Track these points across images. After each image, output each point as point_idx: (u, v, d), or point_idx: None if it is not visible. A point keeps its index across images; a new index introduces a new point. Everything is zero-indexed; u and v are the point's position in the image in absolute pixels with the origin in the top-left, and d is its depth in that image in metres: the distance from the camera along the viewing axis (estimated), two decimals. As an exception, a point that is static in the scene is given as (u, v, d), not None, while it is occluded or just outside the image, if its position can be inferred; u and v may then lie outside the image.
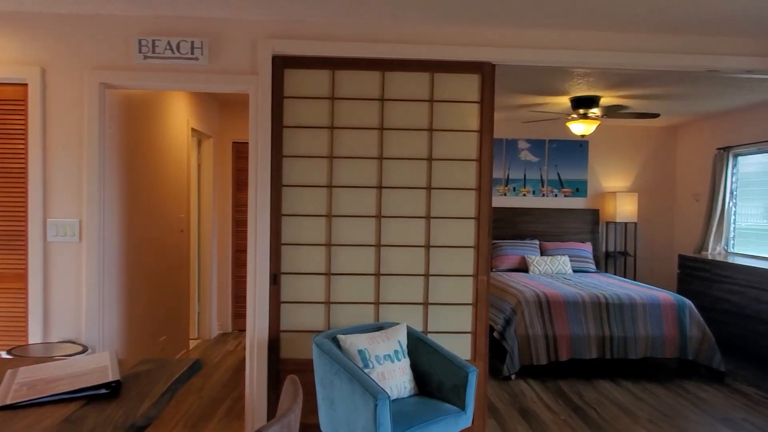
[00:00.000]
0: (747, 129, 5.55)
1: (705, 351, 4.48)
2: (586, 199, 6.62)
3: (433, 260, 3.23)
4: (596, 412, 3.77)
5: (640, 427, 3.54)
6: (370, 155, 3.18)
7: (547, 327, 4.47)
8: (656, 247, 6.67)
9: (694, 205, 6.31)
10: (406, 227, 3.21)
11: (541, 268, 5.89)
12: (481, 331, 3.24)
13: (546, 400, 4.00)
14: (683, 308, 4.56)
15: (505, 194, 6.54)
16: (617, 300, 4.58)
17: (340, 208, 3.19)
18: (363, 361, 2.72)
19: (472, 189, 3.22)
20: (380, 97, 3.16)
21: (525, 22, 3.02)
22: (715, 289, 5.24)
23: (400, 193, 3.20)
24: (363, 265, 3.20)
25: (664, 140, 6.70)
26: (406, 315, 3.23)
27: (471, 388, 2.72)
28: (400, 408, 2.67)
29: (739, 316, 4.89)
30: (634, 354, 4.48)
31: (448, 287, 3.24)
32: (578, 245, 6.28)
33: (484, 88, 3.17)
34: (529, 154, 6.53)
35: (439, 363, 2.86)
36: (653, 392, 4.20)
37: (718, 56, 3.18)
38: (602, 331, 4.48)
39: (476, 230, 3.22)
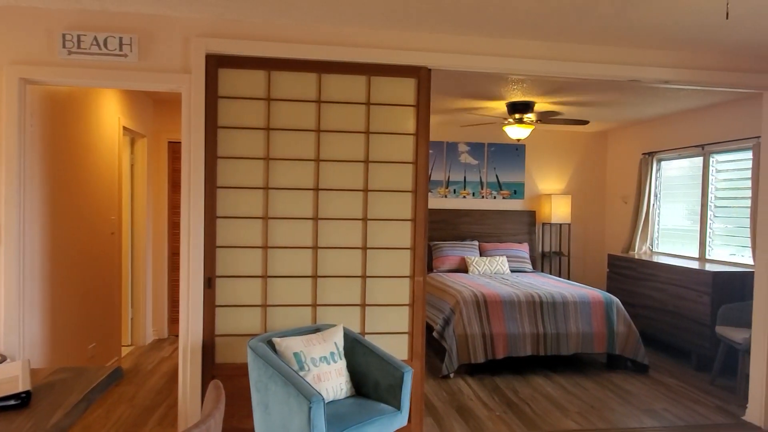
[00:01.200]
0: (669, 136, 5.89)
1: (631, 345, 4.72)
2: (524, 201, 6.83)
3: (371, 262, 3.25)
4: (530, 407, 3.90)
5: (570, 420, 3.69)
6: (307, 157, 3.17)
7: (484, 326, 4.58)
8: (588, 247, 6.97)
9: (622, 206, 6.63)
10: (344, 229, 3.22)
11: (480, 268, 6.03)
12: (418, 331, 3.29)
13: (483, 397, 4.10)
14: (611, 305, 4.78)
15: (446, 196, 6.66)
16: (551, 299, 4.75)
17: (277, 210, 3.16)
18: (298, 364, 2.71)
19: (408, 191, 3.26)
20: (317, 99, 3.16)
21: (460, 29, 3.09)
22: (640, 287, 5.53)
23: (337, 195, 3.21)
24: (300, 267, 3.19)
25: (595, 145, 7.01)
26: (343, 317, 3.24)
27: (406, 387, 2.75)
28: (335, 410, 2.67)
29: (662, 312, 5.18)
30: (566, 350, 4.67)
31: (386, 288, 3.27)
32: (516, 246, 6.48)
33: (420, 92, 3.22)
34: (469, 157, 6.68)
35: (376, 364, 2.89)
36: (583, 386, 4.38)
37: (639, 67, 3.36)
38: (536, 329, 4.64)
39: (412, 232, 3.27)
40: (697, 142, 5.45)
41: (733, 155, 5.16)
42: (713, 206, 5.38)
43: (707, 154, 5.40)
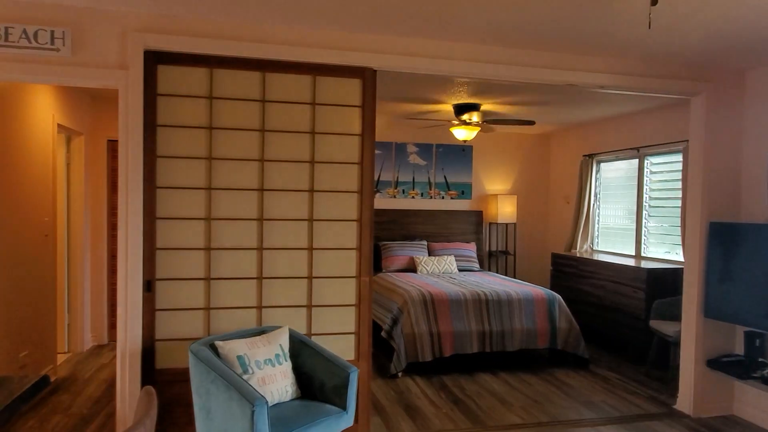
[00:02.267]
0: (607, 138, 6.14)
1: (572, 341, 4.88)
2: (471, 201, 6.96)
3: (317, 263, 3.23)
4: (475, 404, 3.98)
5: (514, 415, 3.78)
6: (251, 157, 3.12)
7: (432, 325, 4.64)
8: (533, 245, 7.17)
9: (565, 206, 6.86)
10: (290, 230, 3.19)
11: (428, 268, 6.10)
12: (365, 331, 3.30)
13: (430, 395, 4.15)
14: (553, 302, 4.94)
15: (395, 196, 6.71)
16: (496, 297, 4.86)
17: (220, 210, 3.10)
18: (242, 367, 2.66)
19: (354, 192, 3.26)
20: (261, 98, 3.12)
21: (404, 31, 3.12)
22: (581, 284, 5.73)
23: (282, 195, 3.18)
24: (245, 268, 3.14)
25: (539, 147, 7.22)
26: (290, 318, 3.21)
27: (352, 388, 2.75)
28: (280, 412, 2.64)
29: (602, 308, 5.39)
30: (511, 346, 4.78)
31: (332, 289, 3.26)
32: (463, 245, 6.59)
33: (366, 92, 3.23)
34: (418, 158, 6.75)
35: (321, 365, 2.87)
36: (527, 381, 4.51)
37: (576, 72, 3.48)
38: (483, 327, 4.73)
39: (358, 232, 3.27)
40: (633, 145, 5.70)
41: (665, 158, 5.43)
42: (648, 206, 5.64)
43: (642, 156, 5.66)
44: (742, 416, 3.80)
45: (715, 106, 3.76)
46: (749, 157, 3.77)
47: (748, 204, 3.76)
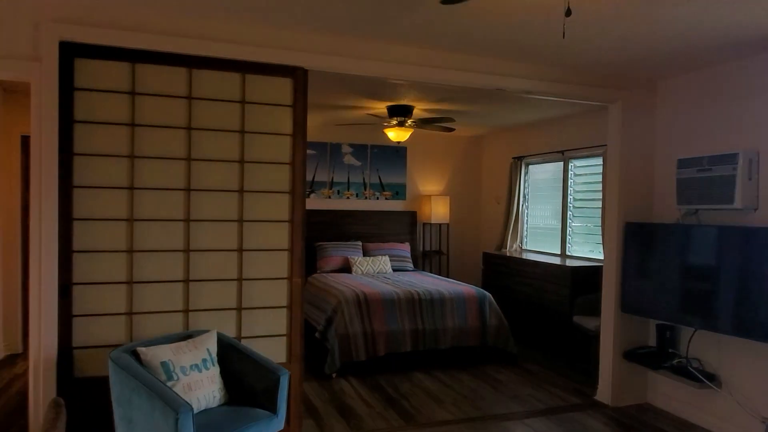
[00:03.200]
0: (535, 141, 6.38)
1: (502, 337, 5.04)
2: (405, 202, 7.04)
3: (247, 264, 3.17)
4: (408, 402, 4.02)
5: (445, 411, 3.86)
6: (177, 156, 3.02)
7: (365, 324, 4.66)
8: (465, 245, 7.35)
9: (496, 207, 7.07)
10: (218, 231, 3.11)
11: (363, 268, 6.12)
12: (296, 332, 3.26)
13: (364, 395, 4.16)
14: (483, 300, 5.08)
15: (330, 197, 6.68)
16: (429, 296, 4.94)
17: (144, 211, 2.97)
18: (166, 374, 2.57)
19: (285, 192, 3.22)
20: (188, 95, 3.02)
21: (336, 31, 3.11)
22: (511, 282, 5.92)
23: (211, 195, 3.09)
24: (171, 271, 3.03)
25: (472, 149, 7.40)
26: (219, 321, 3.13)
27: (283, 391, 2.72)
28: (208, 419, 2.57)
29: (530, 305, 5.59)
30: (444, 344, 4.88)
31: (263, 291, 3.21)
32: (398, 246, 6.65)
33: (297, 92, 3.20)
34: (353, 158, 6.76)
35: (251, 368, 2.82)
36: (458, 378, 4.61)
37: (505, 77, 3.60)
38: (416, 325, 4.80)
39: (290, 233, 3.24)
40: (558, 148, 5.95)
41: (587, 161, 5.71)
42: (572, 207, 5.91)
43: (566, 159, 5.92)
44: (654, 404, 4.06)
45: (630, 113, 3.99)
46: (660, 161, 4.03)
47: (660, 205, 4.02)
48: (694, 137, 3.77)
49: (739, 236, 3.26)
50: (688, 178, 3.58)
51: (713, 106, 3.64)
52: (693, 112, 3.79)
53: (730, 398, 3.48)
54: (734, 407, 3.46)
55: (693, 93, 3.80)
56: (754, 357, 3.35)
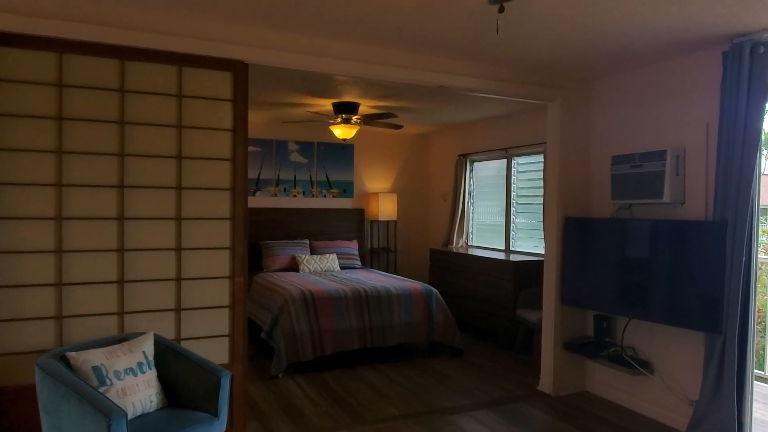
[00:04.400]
0: (479, 139, 6.50)
1: (448, 332, 5.10)
2: (353, 200, 7.02)
3: (186, 263, 3.07)
4: (356, 399, 4.01)
5: (392, 407, 3.87)
6: (109, 151, 2.89)
7: (312, 323, 4.61)
8: (413, 242, 7.40)
9: (442, 204, 7.15)
10: (155, 229, 3.00)
11: (311, 266, 6.06)
12: (239, 332, 3.19)
13: (311, 394, 4.12)
14: (430, 296, 5.12)
15: (276, 195, 6.58)
16: (376, 293, 4.94)
17: (74, 209, 2.83)
18: (99, 379, 2.45)
19: (226, 189, 3.14)
20: (120, 88, 2.89)
21: (276, 25, 3.05)
22: (457, 278, 6.01)
23: (146, 192, 2.97)
24: (103, 272, 2.89)
25: (418, 146, 7.46)
26: (156, 323, 3.02)
27: (224, 392, 2.65)
28: (144, 424, 2.47)
29: (475, 300, 5.69)
30: (391, 341, 4.89)
31: (203, 291, 3.11)
32: (346, 243, 6.63)
33: (237, 86, 3.12)
34: (299, 156, 6.68)
35: (191, 370, 2.73)
36: (406, 374, 4.63)
37: (447, 74, 3.64)
38: (363, 323, 4.79)
39: (231, 231, 3.16)
40: (502, 146, 6.08)
41: (529, 158, 5.86)
42: (515, 204, 6.06)
43: (510, 156, 6.06)
44: (593, 392, 4.21)
45: (568, 111, 4.12)
46: (596, 158, 4.18)
47: (597, 201, 4.17)
48: (628, 135, 3.93)
49: (668, 229, 3.42)
50: (622, 174, 3.73)
51: (644, 105, 3.81)
52: (626, 110, 3.95)
53: (662, 383, 3.65)
54: (665, 392, 3.64)
55: (626, 92, 3.95)
56: (683, 344, 3.52)
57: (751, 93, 3.03)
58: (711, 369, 3.17)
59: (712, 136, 3.33)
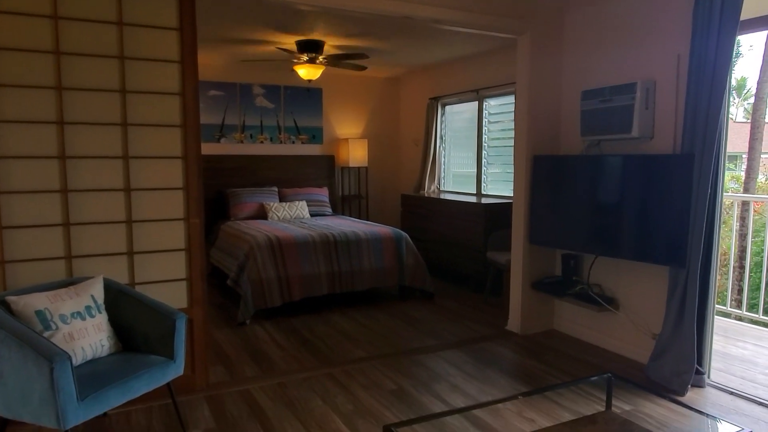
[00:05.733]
0: (450, 81, 6.32)
1: (418, 276, 5.08)
2: (322, 146, 6.84)
3: (136, 205, 2.92)
4: (324, 344, 3.98)
5: (360, 350, 3.85)
6: (45, 84, 2.67)
7: (279, 269, 4.52)
8: (384, 188, 7.29)
9: (414, 149, 7.02)
10: (100, 169, 2.82)
11: (279, 214, 5.93)
12: (197, 276, 3.08)
13: (278, 339, 4.08)
14: (400, 240, 5.06)
15: (242, 141, 6.36)
16: (344, 238, 4.86)
17: (10, 147, 2.63)
18: (43, 324, 2.34)
19: (176, 126, 2.96)
20: (53, 15, 2.65)
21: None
22: (428, 223, 5.95)
23: (89, 130, 2.78)
24: (46, 214, 2.73)
25: (389, 90, 7.25)
26: (109, 267, 2.89)
27: (179, 334, 2.56)
28: (95, 368, 2.38)
29: (447, 244, 5.66)
30: (361, 286, 4.85)
31: (157, 233, 2.98)
32: (316, 190, 6.49)
33: (183, 12, 2.89)
34: (265, 101, 6.43)
35: (145, 314, 2.63)
36: (376, 318, 4.62)
37: (410, 4, 3.44)
38: (332, 268, 4.72)
39: (184, 170, 3.00)
40: (473, 87, 5.92)
41: (501, 99, 5.72)
42: (487, 146, 5.95)
43: (481, 98, 5.91)
44: (560, 330, 4.25)
45: (538, 45, 3.96)
46: (567, 94, 4.06)
47: (567, 138, 4.08)
48: (599, 69, 3.81)
49: (636, 164, 3.36)
50: (591, 110, 3.63)
51: (616, 37, 3.68)
52: (598, 43, 3.81)
53: (626, 318, 3.69)
54: (629, 326, 3.67)
55: (598, 24, 3.81)
56: (648, 280, 3.53)
57: (722, 23, 2.92)
58: (674, 302, 3.19)
59: (683, 67, 3.23)
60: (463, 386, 3.23)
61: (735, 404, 3.01)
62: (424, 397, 3.09)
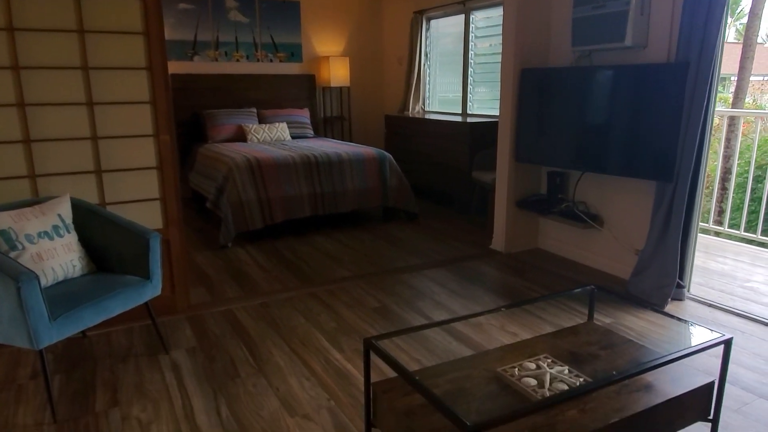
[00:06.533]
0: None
1: (402, 197, 5.00)
2: (302, 65, 6.53)
3: (101, 121, 2.74)
4: (306, 264, 3.94)
5: (344, 270, 3.82)
6: (-14, -16, 2.42)
7: (260, 191, 4.41)
8: (368, 109, 7.06)
9: (398, 68, 6.74)
10: (59, 81, 2.62)
11: (259, 136, 5.74)
12: (171, 195, 2.96)
13: (261, 261, 4.03)
14: (383, 161, 4.94)
15: (217, 59, 6.04)
16: (327, 159, 4.72)
17: (-45, 56, 2.42)
18: (8, 244, 2.24)
19: (138, 33, 2.73)
20: None
21: None
22: (413, 144, 5.81)
23: (43, 37, 2.55)
24: (4, 130, 2.55)
25: (371, 3, 6.85)
26: (76, 187, 2.75)
27: (154, 253, 2.48)
28: (67, 289, 2.31)
29: (432, 165, 5.55)
30: (344, 207, 4.77)
31: (125, 151, 2.82)
32: (296, 112, 6.26)
33: None
34: (239, 14, 6.05)
35: (117, 234, 2.53)
36: (360, 239, 4.57)
37: None
38: (314, 190, 4.62)
39: (150, 82, 2.80)
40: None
41: (489, 12, 5.43)
42: (473, 64, 5.71)
43: (468, 11, 5.61)
44: (544, 248, 4.25)
45: (530, -54, 3.69)
46: (558, 1, 3.83)
47: (557, 50, 3.89)
48: (593, -27, 3.56)
49: (628, 75, 3.22)
50: (584, 17, 3.43)
51: (613, -63, 3.41)
52: (593, -56, 3.55)
53: (609, 235, 3.68)
54: (612, 243, 3.67)
55: None
56: (633, 196, 3.49)
57: None
58: (659, 216, 3.16)
59: (682, -33, 3.02)
60: (446, 303, 3.24)
61: (713, 315, 3.05)
62: (407, 314, 3.09)
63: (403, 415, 1.64)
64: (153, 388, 2.35)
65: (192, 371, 2.47)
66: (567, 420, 1.60)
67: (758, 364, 2.52)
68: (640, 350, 1.99)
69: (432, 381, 1.76)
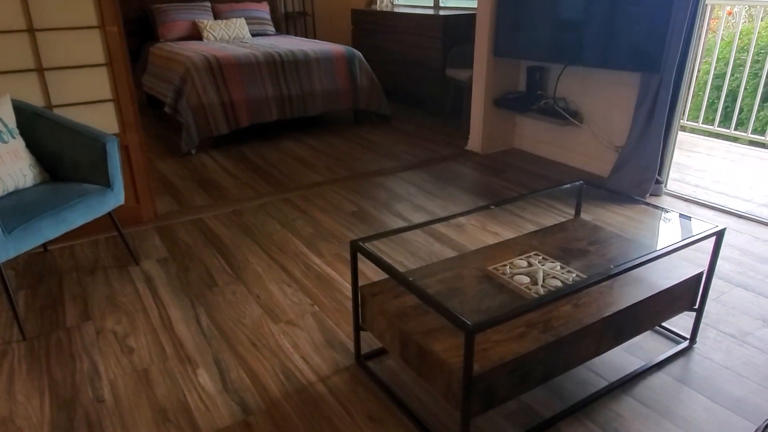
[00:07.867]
0: None
1: (374, 99, 4.77)
2: (258, -48, 5.93)
3: (36, 9, 2.40)
4: (277, 170, 3.77)
5: (317, 175, 3.68)
6: None
7: (222, 93, 4.11)
8: (333, 4, 6.57)
9: (364, -44, 6.20)
10: (-22, -39, 2.25)
11: (215, 33, 5.29)
12: (126, 96, 2.69)
13: (228, 167, 3.84)
14: (353, 60, 4.65)
15: (162, -55, 5.41)
16: (292, 57, 4.40)
17: None
18: (-56, 151, 2.00)
19: None
20: None
21: None
22: (383, 41, 5.48)
23: None
24: None
25: None
26: (16, 87, 2.46)
27: (112, 159, 2.27)
28: (21, 200, 2.11)
29: (403, 63, 5.27)
30: (313, 110, 4.53)
31: (68, 45, 2.51)
32: (254, 6, 5.77)
33: None
34: None
35: (69, 139, 2.30)
36: (331, 143, 4.39)
37: None
38: (280, 91, 4.34)
39: (88, -37, 2.44)
40: None
41: None
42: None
43: None
44: (521, 148, 4.16)
45: None
46: None
47: (540, -69, 3.57)
48: None
49: (619, -44, 2.98)
50: None
51: None
52: None
53: (589, 132, 3.60)
54: (592, 141, 3.60)
55: None
56: (615, 91, 3.38)
57: None
58: (642, 111, 3.07)
59: None
60: (425, 205, 3.16)
61: (690, 209, 3.08)
62: (386, 217, 3.01)
63: (395, 317, 1.59)
64: (126, 300, 2.24)
65: (166, 282, 2.37)
66: (562, 315, 1.58)
67: (734, 255, 2.57)
68: (629, 244, 1.96)
69: (422, 282, 1.70)
